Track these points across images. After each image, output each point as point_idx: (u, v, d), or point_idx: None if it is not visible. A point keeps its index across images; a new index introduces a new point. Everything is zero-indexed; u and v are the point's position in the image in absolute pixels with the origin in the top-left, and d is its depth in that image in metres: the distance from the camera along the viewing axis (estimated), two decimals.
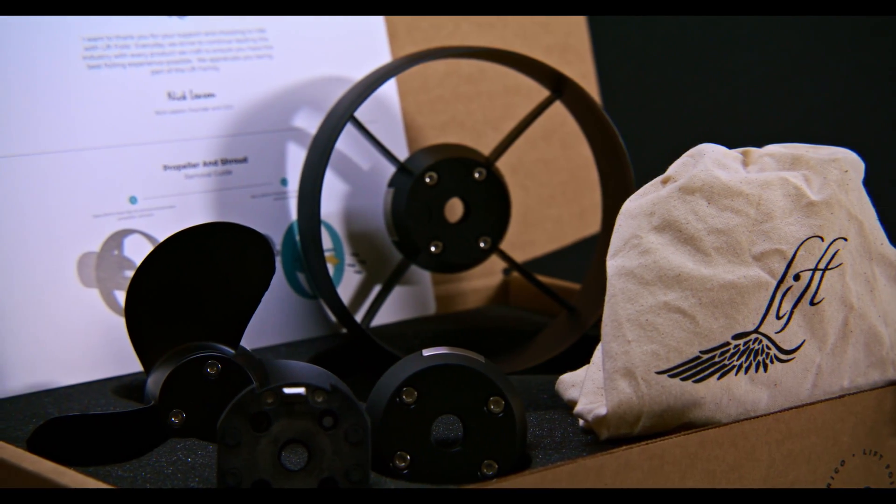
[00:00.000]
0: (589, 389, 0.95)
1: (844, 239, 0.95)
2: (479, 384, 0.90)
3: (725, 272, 0.92)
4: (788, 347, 0.93)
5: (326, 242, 1.22)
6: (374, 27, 1.27)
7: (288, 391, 0.83)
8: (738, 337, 0.92)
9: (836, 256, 0.94)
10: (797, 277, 0.93)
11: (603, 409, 0.92)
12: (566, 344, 1.17)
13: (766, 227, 0.93)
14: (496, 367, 0.92)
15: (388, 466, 0.90)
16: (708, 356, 0.91)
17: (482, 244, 1.19)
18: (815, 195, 0.94)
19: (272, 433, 0.83)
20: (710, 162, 0.94)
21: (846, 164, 0.96)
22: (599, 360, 0.96)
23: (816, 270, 0.94)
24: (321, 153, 1.13)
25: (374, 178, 1.23)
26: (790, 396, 0.94)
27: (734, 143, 0.99)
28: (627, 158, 1.16)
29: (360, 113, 1.17)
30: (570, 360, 1.14)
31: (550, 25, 1.38)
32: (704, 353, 0.91)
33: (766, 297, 0.92)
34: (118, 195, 1.13)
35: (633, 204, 0.95)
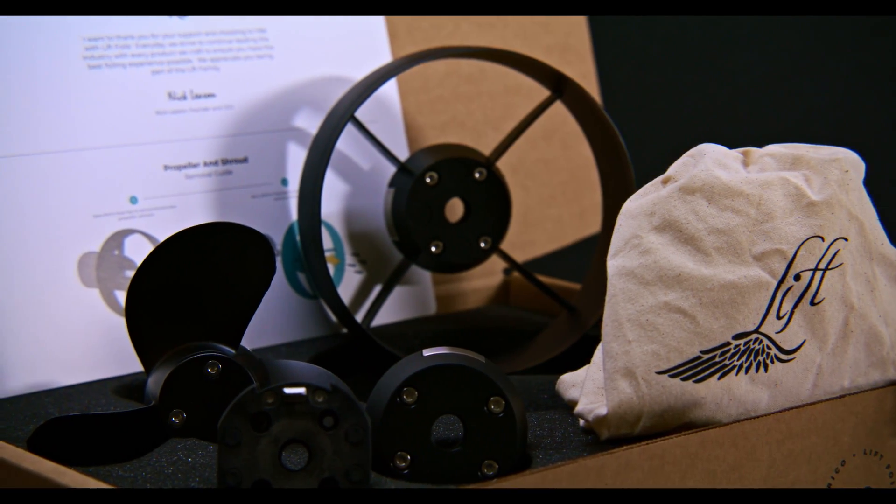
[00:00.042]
0: (589, 389, 0.95)
1: (845, 239, 0.95)
2: (479, 384, 0.90)
3: (726, 272, 0.92)
4: (789, 347, 0.93)
5: (327, 242, 1.21)
6: (374, 27, 1.27)
7: (288, 391, 0.83)
8: (738, 337, 0.92)
9: (836, 256, 0.94)
10: (798, 277, 0.93)
11: (603, 409, 0.92)
12: (566, 344, 1.17)
13: (766, 227, 0.93)
14: (496, 367, 0.92)
15: (388, 466, 0.90)
16: (708, 356, 0.91)
17: (482, 244, 1.19)
18: (815, 195, 0.94)
19: (272, 433, 0.83)
20: (710, 162, 0.94)
21: (847, 164, 0.96)
22: (600, 360, 0.96)
23: (817, 270, 0.94)
24: (322, 153, 1.12)
25: (374, 178, 1.23)
26: (791, 396, 0.93)
27: (734, 143, 0.99)
28: (628, 158, 1.15)
29: (360, 113, 1.17)
30: (570, 360, 1.14)
31: (551, 25, 1.38)
32: (705, 353, 0.91)
33: (766, 297, 0.92)
34: (119, 195, 1.13)
35: (633, 204, 0.95)
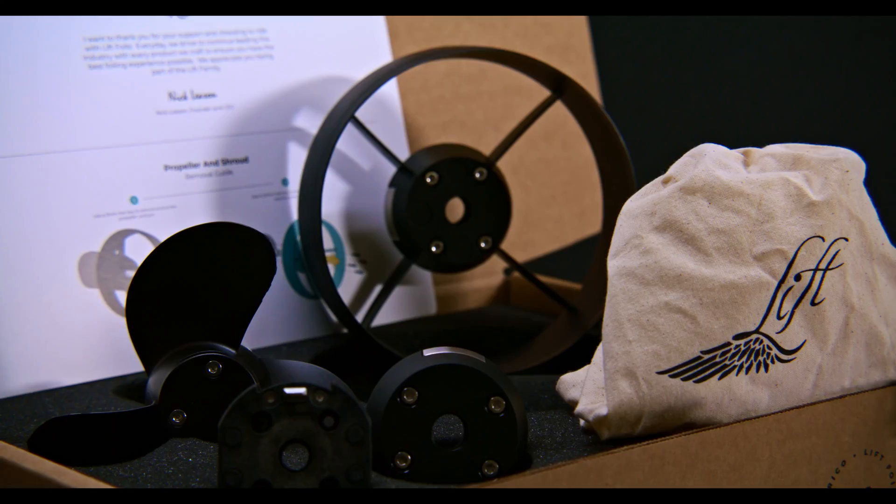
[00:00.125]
0: (590, 389, 0.95)
1: (845, 239, 0.95)
2: (479, 384, 0.90)
3: (726, 272, 0.92)
4: (789, 347, 0.93)
5: (327, 242, 1.21)
6: (374, 27, 1.27)
7: (289, 391, 0.83)
8: (738, 337, 0.92)
9: (836, 256, 0.94)
10: (798, 277, 0.93)
11: (604, 409, 0.92)
12: (567, 344, 1.17)
13: (767, 227, 0.93)
14: (497, 367, 0.92)
15: (388, 466, 0.90)
16: (709, 356, 0.91)
17: (483, 244, 1.19)
18: (816, 195, 0.94)
19: (273, 433, 0.83)
20: (711, 162, 0.94)
21: (847, 164, 0.96)
22: (600, 360, 0.96)
23: (817, 270, 0.94)
24: (322, 153, 1.12)
25: (374, 178, 1.23)
26: (791, 396, 0.93)
27: (735, 143, 0.99)
28: (628, 158, 1.15)
29: (360, 113, 1.17)
30: (570, 360, 1.14)
31: (551, 25, 1.38)
32: (705, 353, 0.91)
33: (766, 297, 0.92)
34: (119, 195, 1.13)
35: (633, 204, 0.95)
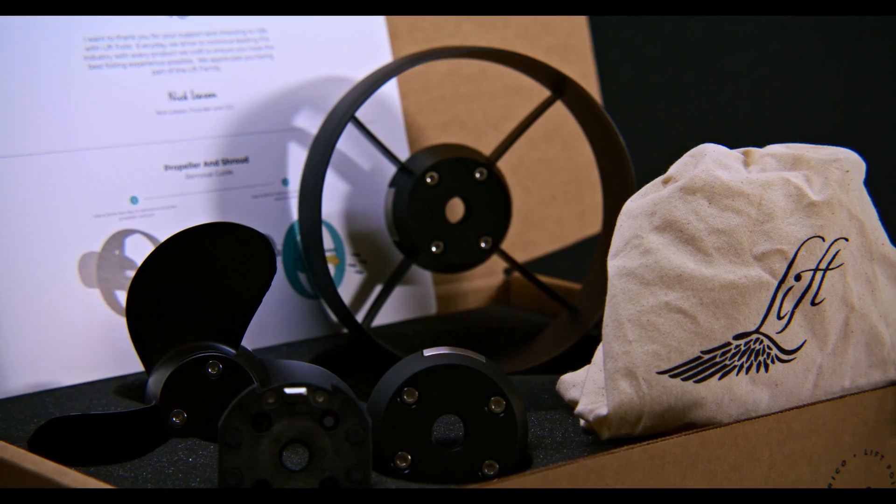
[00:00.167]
0: (590, 389, 0.95)
1: (845, 239, 0.95)
2: (480, 384, 0.90)
3: (726, 272, 0.92)
4: (789, 348, 0.93)
5: (327, 242, 1.21)
6: (375, 27, 1.27)
7: (289, 391, 0.83)
8: (739, 337, 0.92)
9: (837, 256, 0.94)
10: (798, 277, 0.93)
11: (604, 409, 0.92)
12: (567, 344, 1.17)
13: (767, 227, 0.93)
14: (497, 367, 0.92)
15: (389, 466, 0.90)
16: (709, 356, 0.91)
17: (483, 244, 1.19)
18: (816, 195, 0.94)
19: (273, 433, 0.83)
20: (711, 162, 0.94)
21: (847, 164, 0.96)
22: (600, 360, 0.96)
23: (817, 270, 0.94)
24: (322, 153, 1.12)
25: (375, 178, 1.23)
26: (791, 397, 0.93)
27: (735, 143, 0.99)
28: (628, 158, 1.15)
29: (361, 113, 1.17)
30: (571, 360, 1.14)
31: (551, 25, 1.38)
32: (705, 353, 0.91)
33: (767, 297, 0.92)
34: (119, 195, 1.13)
35: (634, 204, 0.95)
